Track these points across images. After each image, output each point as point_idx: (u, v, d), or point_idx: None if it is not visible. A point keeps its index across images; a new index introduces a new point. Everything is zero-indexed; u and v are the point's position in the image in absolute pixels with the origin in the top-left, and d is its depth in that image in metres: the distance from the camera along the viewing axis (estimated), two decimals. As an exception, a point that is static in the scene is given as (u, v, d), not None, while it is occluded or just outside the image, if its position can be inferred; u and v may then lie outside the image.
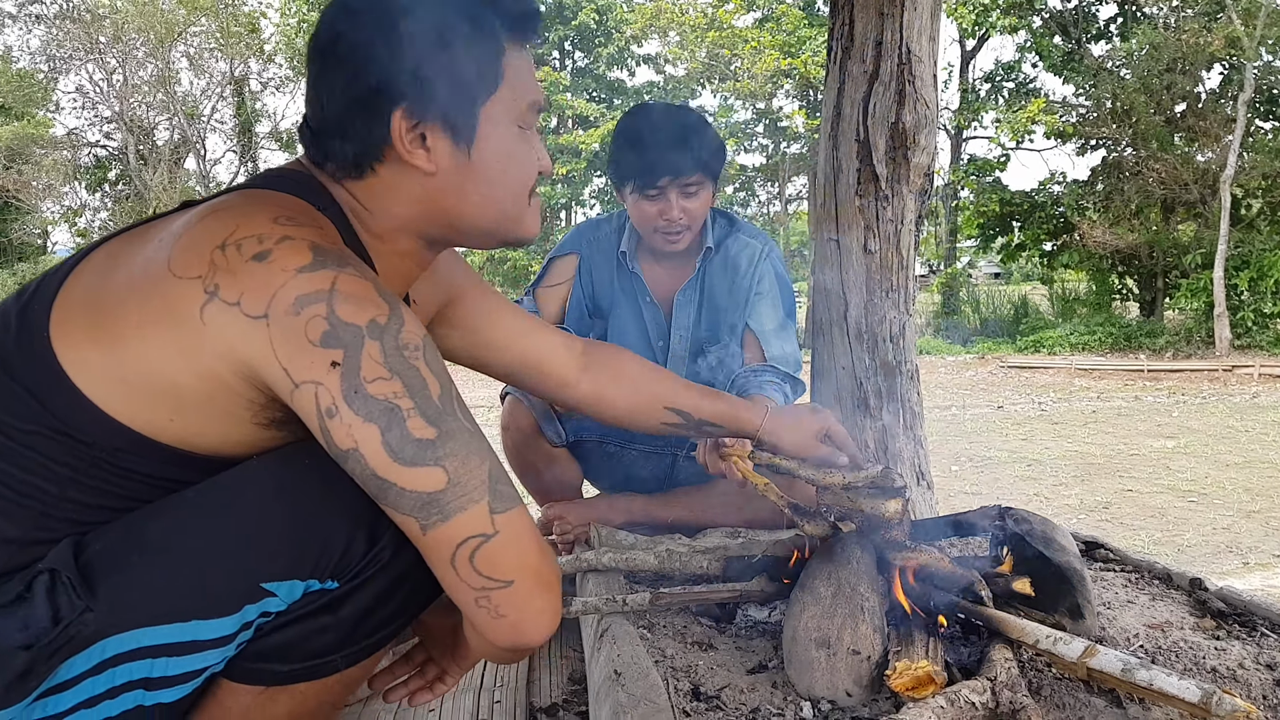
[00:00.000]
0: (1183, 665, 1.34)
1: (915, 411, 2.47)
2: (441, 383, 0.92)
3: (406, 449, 0.87)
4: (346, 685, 1.07)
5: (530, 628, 0.94)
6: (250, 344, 0.87)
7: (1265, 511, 5.39)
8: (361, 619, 1.00)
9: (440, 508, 0.88)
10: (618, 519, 2.27)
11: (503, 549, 0.90)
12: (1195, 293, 18.03)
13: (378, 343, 0.88)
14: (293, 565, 0.94)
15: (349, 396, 0.87)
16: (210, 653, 0.94)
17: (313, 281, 0.88)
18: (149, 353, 0.90)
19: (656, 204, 2.18)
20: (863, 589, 1.34)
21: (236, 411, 0.93)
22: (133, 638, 0.90)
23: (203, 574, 0.92)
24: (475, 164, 1.06)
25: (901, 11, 2.32)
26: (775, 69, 20.41)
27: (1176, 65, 18.58)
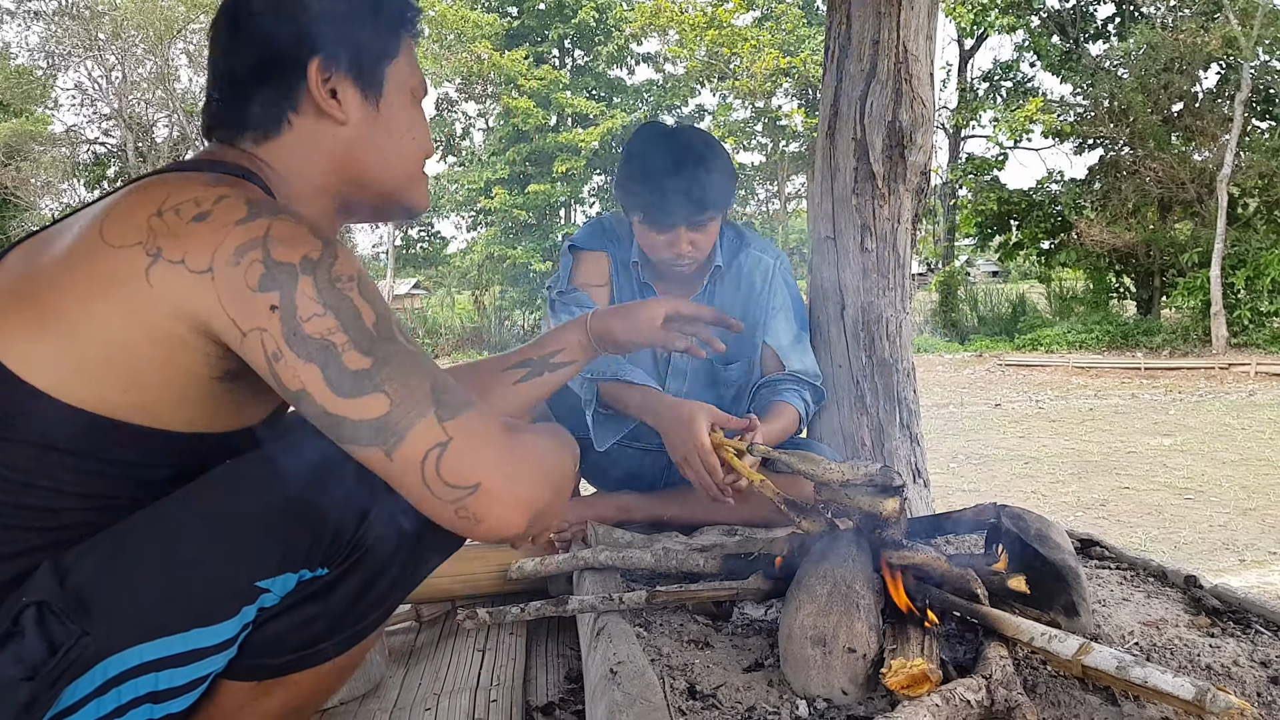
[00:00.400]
0: (1177, 662, 1.35)
1: (912, 409, 2.48)
2: (377, 310, 0.93)
3: (346, 382, 0.89)
4: (339, 673, 1.07)
5: (508, 525, 0.94)
6: (198, 299, 0.90)
7: (1261, 509, 5.40)
8: (351, 604, 1.00)
9: (392, 429, 0.90)
10: (614, 516, 2.27)
11: (460, 454, 0.91)
12: (1192, 291, 18.06)
13: (310, 278, 0.91)
14: (284, 559, 0.94)
15: (289, 339, 0.89)
16: (214, 658, 0.94)
17: (249, 230, 0.91)
18: (96, 324, 0.90)
19: (665, 236, 2.13)
20: (858, 587, 1.34)
21: (194, 369, 0.94)
22: (134, 654, 0.89)
23: (196, 582, 0.92)
24: (383, 118, 1.14)
25: (899, 10, 2.32)
26: (774, 68, 20.42)
27: (1174, 65, 18.59)
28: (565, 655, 1.85)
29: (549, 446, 1.03)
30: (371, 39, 1.12)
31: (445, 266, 27.34)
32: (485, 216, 23.89)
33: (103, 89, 24.61)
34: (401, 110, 1.16)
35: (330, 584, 0.98)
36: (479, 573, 2.07)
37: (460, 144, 26.26)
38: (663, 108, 24.30)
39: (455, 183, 24.25)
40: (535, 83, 22.57)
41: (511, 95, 22.80)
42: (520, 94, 22.70)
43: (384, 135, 1.15)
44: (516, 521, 0.93)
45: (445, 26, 22.68)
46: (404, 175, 1.18)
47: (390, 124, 1.15)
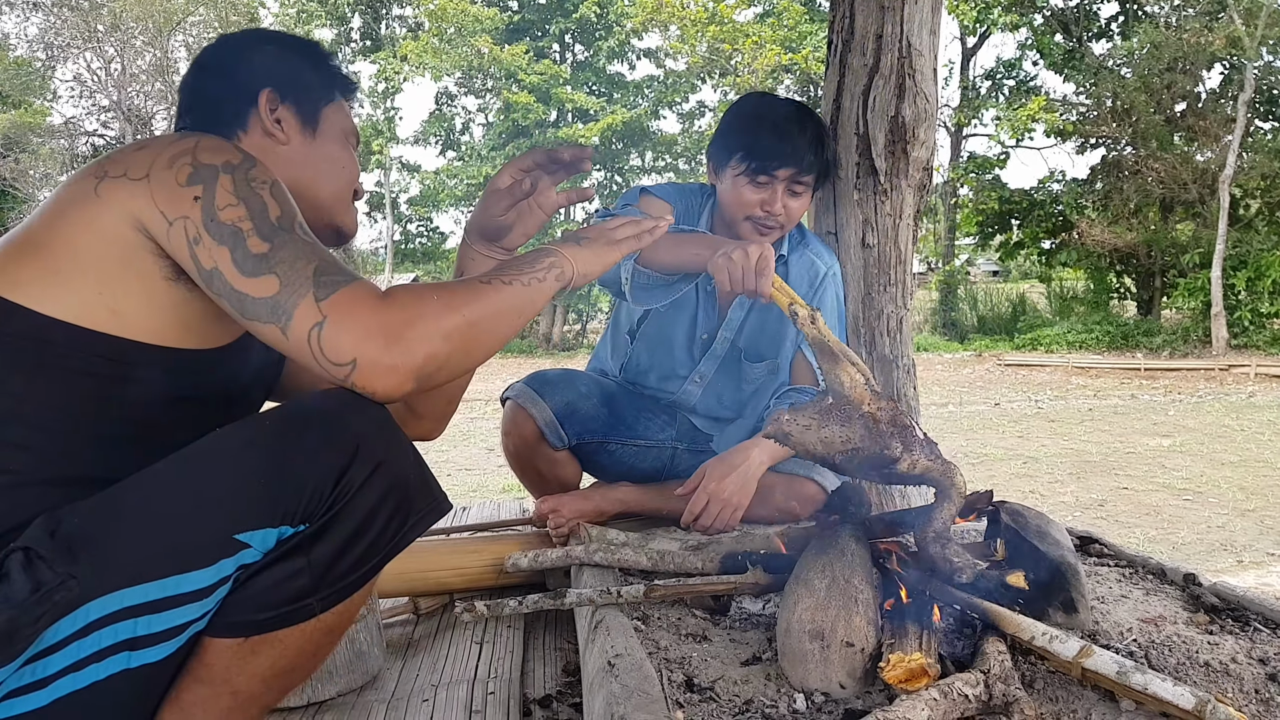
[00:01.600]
0: (1176, 660, 1.34)
1: (912, 405, 2.47)
2: (283, 209, 1.05)
3: (248, 263, 1.00)
4: (326, 634, 1.09)
5: (396, 390, 1.00)
6: (137, 200, 1.03)
7: (1260, 510, 5.40)
8: (335, 559, 1.03)
9: (282, 308, 0.99)
10: (612, 509, 2.27)
11: (334, 332, 0.98)
12: (1193, 292, 18.07)
13: (230, 176, 1.04)
14: (263, 514, 0.98)
15: (207, 224, 1.02)
16: (190, 607, 0.97)
17: (182, 144, 1.06)
18: (62, 238, 1.03)
19: (762, 192, 2.07)
20: (857, 581, 1.34)
21: (146, 268, 1.05)
22: (115, 599, 0.94)
23: (176, 532, 0.97)
24: (317, 147, 1.35)
25: (902, 5, 2.32)
26: (776, 64, 20.40)
27: (1177, 64, 18.59)
28: (563, 648, 1.85)
29: (433, 298, 1.05)
30: (312, 83, 1.35)
31: (444, 261, 27.34)
32: (485, 211, 23.85)
33: (101, 81, 24.58)
34: (334, 145, 1.37)
35: (312, 538, 1.01)
36: (476, 566, 2.07)
37: (460, 139, 26.24)
38: (664, 103, 24.27)
39: (454, 177, 24.24)
40: (535, 77, 22.56)
41: (511, 90, 22.78)
42: (520, 89, 22.69)
43: (318, 160, 1.34)
44: (401, 385, 1.00)
45: (445, 20, 22.67)
46: (333, 198, 1.36)
47: (323, 153, 1.35)
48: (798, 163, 2.05)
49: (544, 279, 1.20)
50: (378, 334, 0.98)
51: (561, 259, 1.24)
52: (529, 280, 1.17)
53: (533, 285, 1.18)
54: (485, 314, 1.08)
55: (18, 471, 1.01)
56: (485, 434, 9.04)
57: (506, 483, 6.12)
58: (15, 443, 1.02)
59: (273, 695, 1.11)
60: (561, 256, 1.24)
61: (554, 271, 1.22)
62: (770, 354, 2.30)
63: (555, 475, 2.35)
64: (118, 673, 0.96)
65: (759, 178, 2.06)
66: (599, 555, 1.79)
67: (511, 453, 2.35)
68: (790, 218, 2.12)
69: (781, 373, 2.29)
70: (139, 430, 1.09)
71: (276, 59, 1.33)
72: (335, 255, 1.08)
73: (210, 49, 1.36)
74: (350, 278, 1.02)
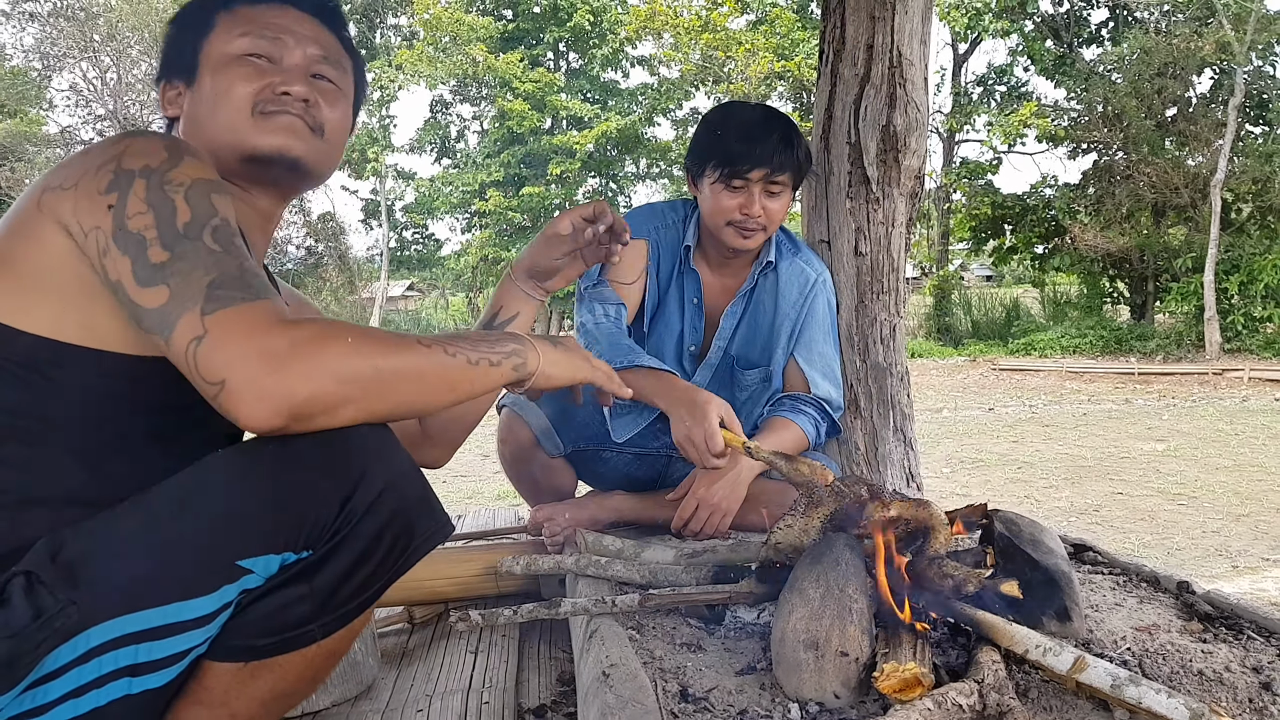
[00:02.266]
0: (1169, 669, 1.35)
1: (905, 413, 2.48)
2: (195, 213, 0.99)
3: (144, 272, 0.96)
4: (326, 657, 1.08)
5: (259, 421, 0.92)
6: (63, 207, 0.99)
7: (1254, 515, 5.41)
8: (337, 585, 1.01)
9: (166, 320, 0.94)
10: (607, 518, 2.27)
11: (209, 348, 0.92)
12: (1186, 296, 18.12)
13: (145, 181, 0.99)
14: (266, 540, 0.96)
15: (115, 234, 0.97)
16: (192, 633, 0.96)
17: (112, 149, 1.02)
18: (19, 252, 1.01)
19: (738, 196, 2.10)
20: (851, 590, 1.34)
21: (91, 278, 1.00)
22: (116, 625, 0.92)
23: (178, 558, 0.95)
24: (197, 93, 1.24)
25: (893, 15, 2.33)
26: (769, 71, 20.45)
27: (1167, 70, 18.67)
28: (558, 658, 1.85)
29: (344, 339, 0.96)
30: (183, 37, 1.26)
31: (439, 269, 27.35)
32: (480, 219, 23.91)
33: (97, 90, 24.55)
34: (212, 76, 1.23)
35: (315, 565, 0.99)
36: (471, 575, 2.07)
37: (455, 146, 26.26)
38: (657, 110, 24.31)
39: (450, 185, 24.26)
40: (530, 85, 22.60)
41: (506, 98, 22.81)
42: (515, 97, 22.72)
43: (199, 102, 1.23)
44: (270, 419, 0.92)
45: (440, 29, 22.70)
46: (226, 129, 1.21)
47: (203, 92, 1.23)
48: (767, 163, 2.07)
49: (498, 364, 1.13)
50: (255, 359, 0.91)
51: (528, 352, 1.18)
52: (478, 360, 1.09)
53: (480, 366, 1.10)
54: (404, 373, 1.00)
55: (16, 491, 1.00)
56: (480, 440, 9.02)
57: (501, 489, 6.12)
58: (13, 462, 1.00)
59: (270, 718, 1.10)
60: (530, 350, 1.18)
61: (513, 360, 1.15)
62: (763, 362, 2.30)
63: (551, 483, 2.35)
64: (118, 698, 0.95)
65: (733, 182, 2.09)
66: (592, 570, 1.79)
67: (508, 460, 2.35)
68: (771, 218, 2.14)
69: (775, 379, 2.29)
70: (133, 444, 1.07)
71: (167, 41, 1.28)
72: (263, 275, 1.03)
73: None
74: (250, 296, 0.95)
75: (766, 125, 2.09)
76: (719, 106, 2.25)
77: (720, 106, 2.24)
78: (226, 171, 1.20)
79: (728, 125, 2.13)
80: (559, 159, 22.40)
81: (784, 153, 2.07)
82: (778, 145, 2.07)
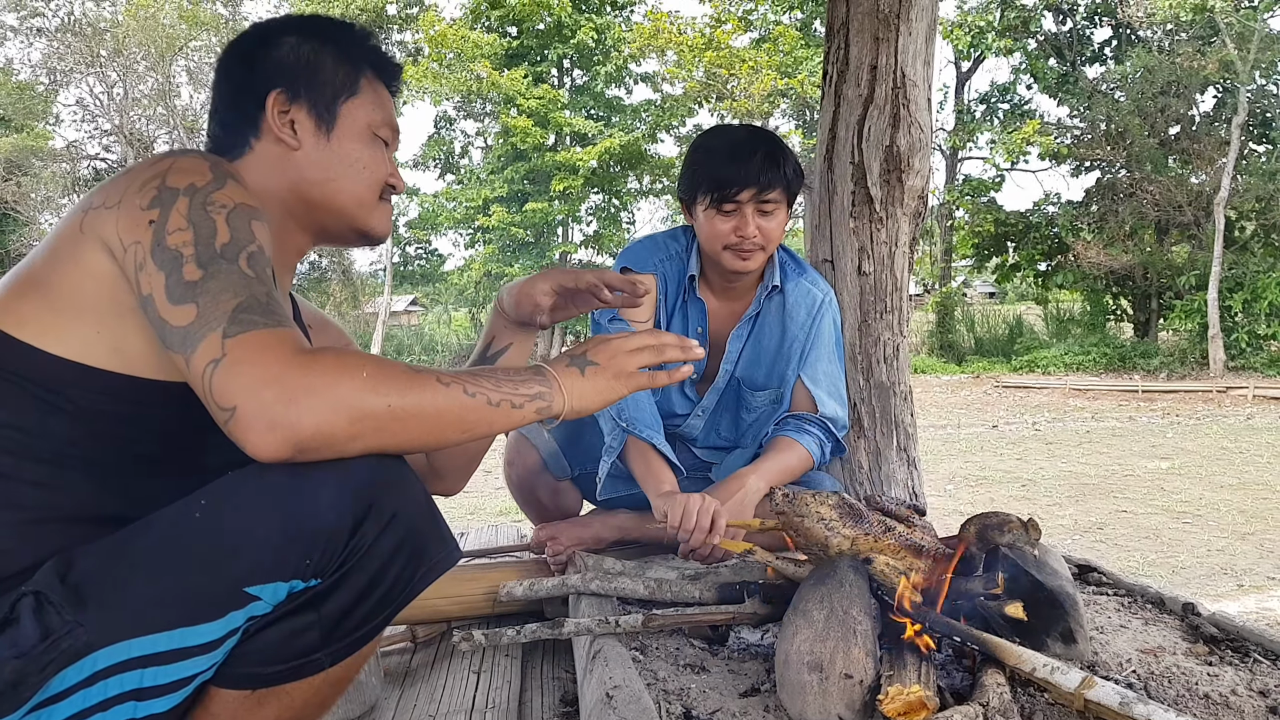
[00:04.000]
0: (1175, 691, 1.34)
1: (909, 432, 2.48)
2: (235, 236, 1.00)
3: (177, 290, 0.96)
4: (333, 685, 1.07)
5: (266, 450, 0.91)
6: (106, 226, 1.01)
7: (1260, 533, 5.39)
8: (345, 615, 1.01)
9: (189, 340, 0.94)
10: (611, 536, 2.26)
11: (225, 373, 0.92)
12: (1189, 314, 18.10)
13: (188, 199, 1.01)
14: (275, 568, 0.96)
15: (154, 249, 0.98)
16: (198, 659, 0.96)
17: (158, 165, 1.04)
18: (56, 275, 1.02)
19: (732, 219, 2.10)
20: (855, 612, 1.34)
21: (126, 298, 1.01)
22: (122, 649, 0.92)
23: (186, 583, 0.95)
24: (333, 147, 1.26)
25: (896, 36, 2.34)
26: (772, 89, 20.53)
27: (1170, 88, 18.73)
28: (561, 678, 1.84)
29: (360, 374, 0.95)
30: (329, 77, 1.26)
31: (442, 284, 27.37)
32: (483, 234, 23.93)
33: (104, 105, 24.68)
34: (354, 143, 1.27)
35: (323, 594, 0.99)
36: (474, 594, 2.06)
37: (459, 162, 26.35)
38: (661, 127, 24.39)
39: (454, 200, 24.31)
40: (534, 102, 22.67)
41: (510, 114, 22.89)
42: (519, 113, 22.79)
43: (333, 162, 1.26)
44: (278, 450, 0.91)
45: (445, 46, 22.80)
46: (353, 201, 1.28)
47: (340, 153, 1.26)
48: (754, 182, 2.06)
49: (521, 407, 1.08)
50: (270, 388, 0.91)
51: (554, 393, 1.12)
52: (499, 401, 1.05)
53: (501, 408, 1.05)
54: (418, 412, 0.98)
55: (33, 509, 1.00)
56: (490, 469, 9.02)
57: (504, 505, 6.11)
58: (31, 480, 1.01)
59: None
60: (555, 389, 1.12)
61: (536, 404, 1.10)
62: (772, 383, 2.30)
63: (557, 505, 2.35)
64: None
65: (724, 206, 2.09)
66: (595, 584, 1.79)
67: (515, 483, 2.35)
68: (768, 237, 2.13)
69: (784, 402, 2.28)
70: (151, 467, 1.08)
71: (291, 52, 1.25)
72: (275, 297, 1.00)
73: (230, 45, 1.29)
74: (273, 322, 0.95)
75: (750, 145, 2.09)
76: (704, 133, 2.25)
77: (705, 132, 2.24)
78: (301, 217, 1.27)
79: (713, 150, 2.13)
80: (562, 175, 22.43)
81: (770, 171, 2.07)
82: (763, 164, 2.06)
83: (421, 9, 24.56)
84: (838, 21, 2.44)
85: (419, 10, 24.68)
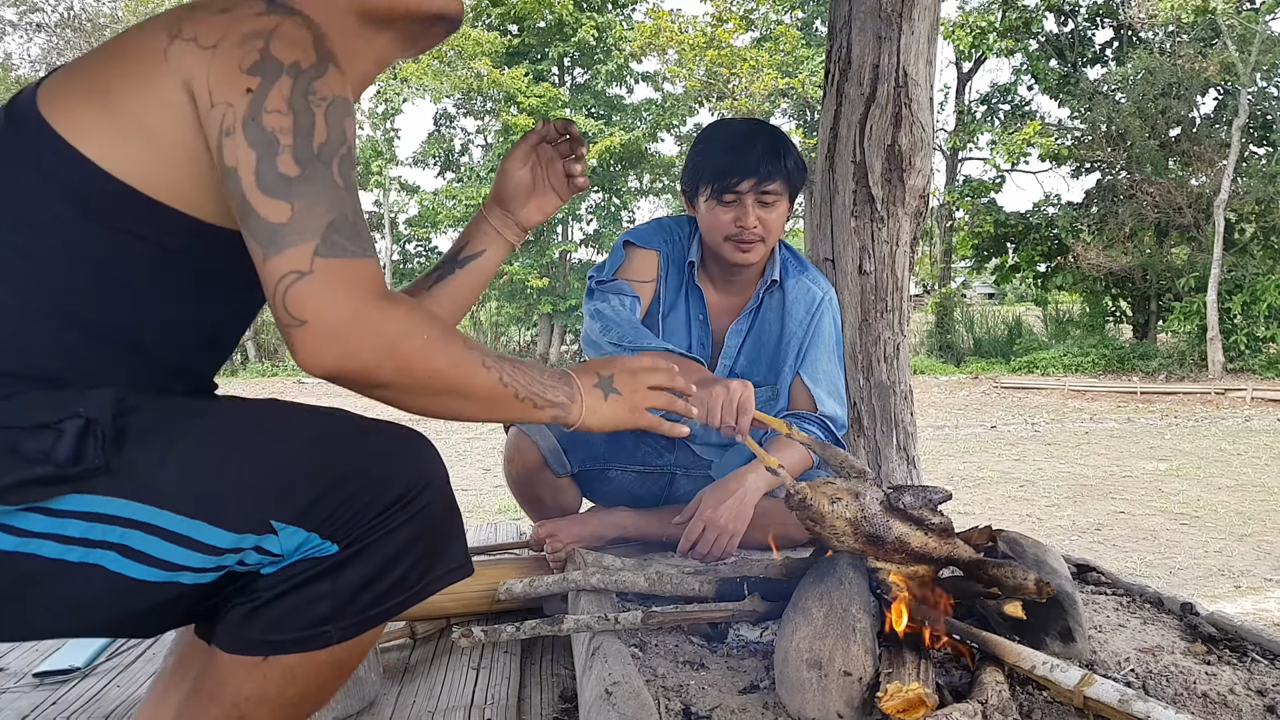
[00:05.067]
0: (1174, 690, 1.35)
1: (909, 432, 2.48)
2: (331, 136, 0.99)
3: (270, 179, 0.95)
4: (335, 669, 1.07)
5: (315, 365, 0.96)
6: (196, 68, 0.97)
7: (1257, 535, 5.40)
8: (360, 590, 1.02)
9: (277, 240, 0.94)
10: (610, 534, 2.27)
11: (309, 289, 0.93)
12: (1188, 316, 18.11)
13: (291, 80, 0.97)
14: (304, 513, 0.97)
15: (246, 122, 0.95)
16: (195, 554, 0.96)
17: (261, 22, 0.99)
18: (126, 98, 0.99)
19: (732, 210, 2.12)
20: (855, 610, 1.34)
21: (197, 144, 0.99)
22: (139, 509, 0.94)
23: (224, 485, 0.97)
24: None
25: (899, 36, 2.34)
26: (773, 88, 20.53)
27: (1171, 90, 18.73)
28: (560, 675, 1.85)
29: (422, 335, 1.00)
30: None
31: (443, 282, 27.34)
32: (484, 232, 23.91)
33: (104, 101, 24.67)
34: None
35: (340, 564, 1.00)
36: (473, 590, 2.07)
37: (459, 160, 26.35)
38: (662, 126, 24.39)
39: (454, 198, 24.31)
40: (534, 100, 22.68)
41: (511, 112, 22.90)
42: (519, 111, 22.81)
43: None
44: (324, 368, 0.96)
45: (446, 43, 22.81)
46: None
47: None
48: (755, 173, 2.08)
49: (541, 408, 1.14)
50: (345, 318, 0.95)
51: (575, 406, 1.18)
52: (525, 397, 1.12)
53: (524, 404, 1.12)
54: (457, 386, 1.04)
55: (93, 331, 1.02)
56: (482, 454, 9.03)
57: (503, 503, 6.11)
58: (94, 302, 1.01)
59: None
60: (577, 404, 1.19)
61: (554, 411, 1.17)
62: (770, 380, 2.30)
63: (557, 502, 2.35)
64: (93, 565, 0.94)
65: (724, 197, 2.11)
66: (596, 579, 1.79)
67: (514, 479, 2.35)
68: (768, 229, 2.15)
69: (782, 398, 2.29)
70: (197, 310, 1.10)
71: None
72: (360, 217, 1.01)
73: None
74: (362, 252, 0.97)
75: (752, 137, 2.12)
76: (707, 126, 2.28)
77: (708, 126, 2.27)
78: (369, 18, 1.19)
79: (715, 142, 2.16)
80: (563, 173, 22.48)
81: (771, 162, 2.09)
82: (764, 155, 2.09)
83: (422, 6, 24.51)
84: (840, 20, 2.44)
85: (420, 8, 24.63)
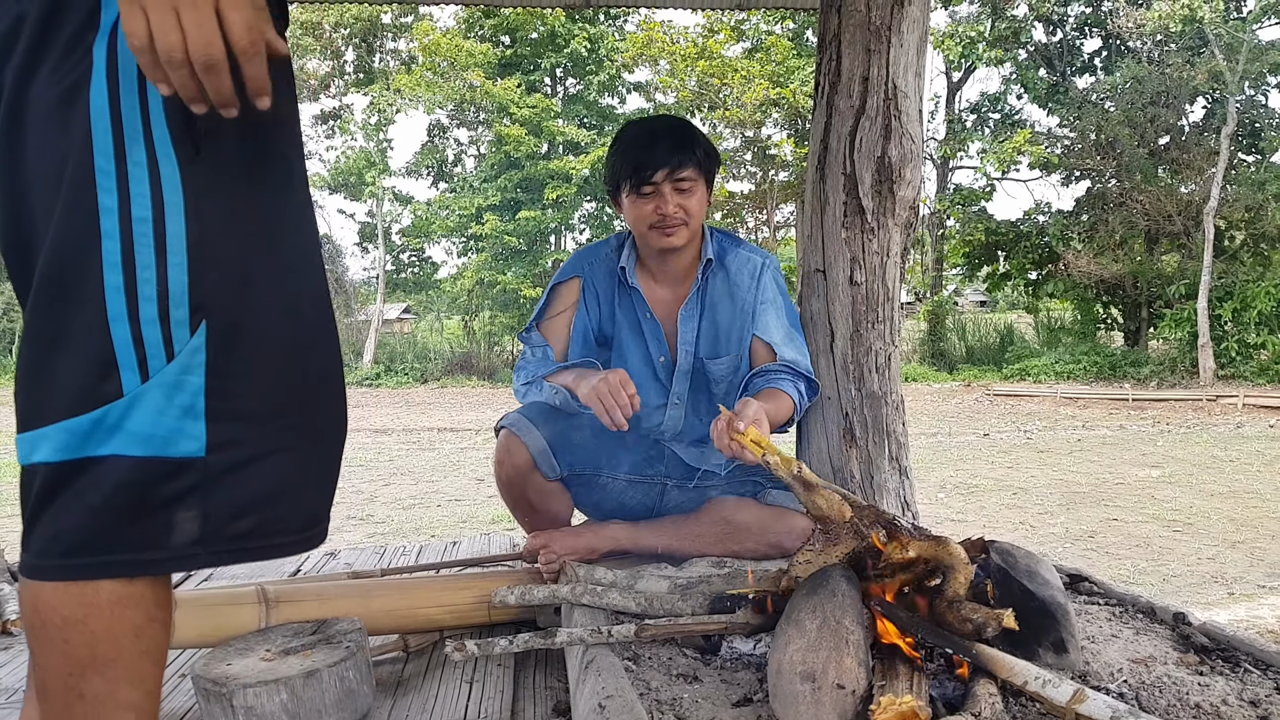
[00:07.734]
0: (1166, 702, 1.35)
1: (901, 442, 2.48)
2: None
3: None
4: (156, 600, 0.97)
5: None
6: None
7: (1250, 542, 5.41)
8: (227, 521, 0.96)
9: None
10: (604, 547, 2.26)
11: None
12: (1179, 323, 18.18)
13: None
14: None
15: None
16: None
17: None
18: None
19: (652, 200, 2.22)
20: (848, 622, 1.34)
21: None
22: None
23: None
24: None
25: (888, 48, 2.35)
26: (764, 98, 20.57)
27: (1160, 98, 18.84)
28: (553, 688, 1.84)
29: None
30: None
31: (435, 291, 27.33)
32: (476, 242, 23.93)
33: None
34: None
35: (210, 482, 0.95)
36: (466, 603, 2.06)
37: (452, 170, 26.37)
38: (654, 136, 24.43)
39: (446, 208, 24.31)
40: (527, 111, 22.72)
41: (503, 123, 22.93)
42: (512, 122, 22.84)
43: None
44: None
45: (439, 55, 22.84)
46: None
47: None
48: (667, 163, 2.20)
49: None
50: None
51: None
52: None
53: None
54: None
55: None
56: (474, 464, 9.01)
57: (496, 514, 6.10)
58: None
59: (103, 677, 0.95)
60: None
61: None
62: (727, 350, 2.37)
63: (547, 508, 2.35)
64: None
65: (643, 189, 2.23)
66: (586, 599, 1.79)
67: (504, 482, 2.35)
68: (690, 213, 2.25)
69: (743, 364, 2.36)
70: None
71: None
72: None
73: None
74: None
75: (661, 132, 2.24)
76: (622, 127, 2.39)
77: (623, 126, 2.38)
78: None
79: (629, 141, 2.28)
80: (555, 183, 22.48)
81: (681, 152, 2.20)
82: (674, 147, 2.20)
83: (416, 18, 24.57)
84: (829, 33, 2.45)
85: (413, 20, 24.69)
